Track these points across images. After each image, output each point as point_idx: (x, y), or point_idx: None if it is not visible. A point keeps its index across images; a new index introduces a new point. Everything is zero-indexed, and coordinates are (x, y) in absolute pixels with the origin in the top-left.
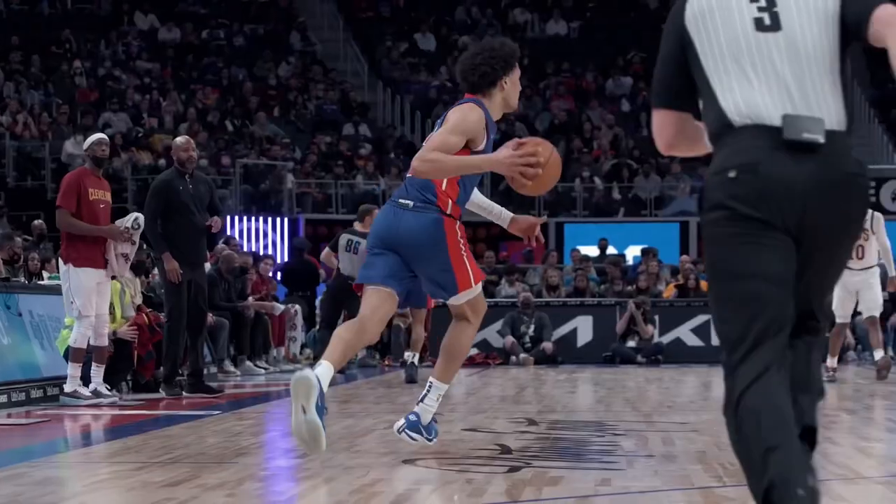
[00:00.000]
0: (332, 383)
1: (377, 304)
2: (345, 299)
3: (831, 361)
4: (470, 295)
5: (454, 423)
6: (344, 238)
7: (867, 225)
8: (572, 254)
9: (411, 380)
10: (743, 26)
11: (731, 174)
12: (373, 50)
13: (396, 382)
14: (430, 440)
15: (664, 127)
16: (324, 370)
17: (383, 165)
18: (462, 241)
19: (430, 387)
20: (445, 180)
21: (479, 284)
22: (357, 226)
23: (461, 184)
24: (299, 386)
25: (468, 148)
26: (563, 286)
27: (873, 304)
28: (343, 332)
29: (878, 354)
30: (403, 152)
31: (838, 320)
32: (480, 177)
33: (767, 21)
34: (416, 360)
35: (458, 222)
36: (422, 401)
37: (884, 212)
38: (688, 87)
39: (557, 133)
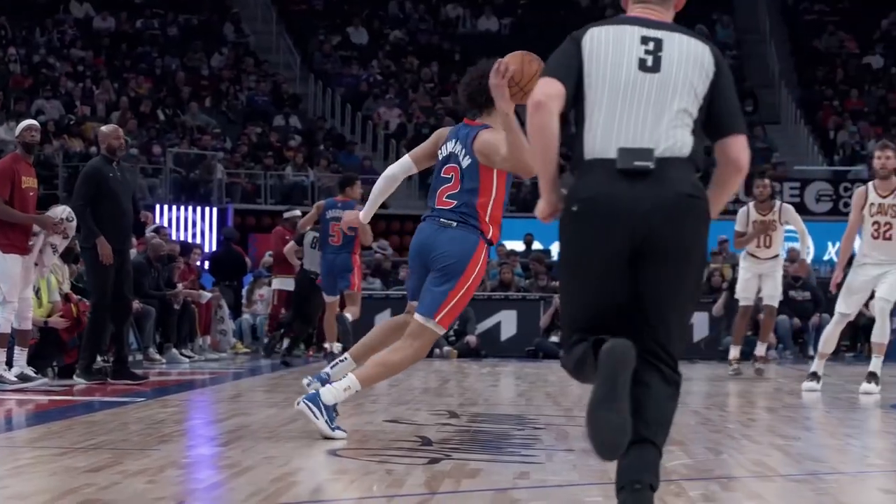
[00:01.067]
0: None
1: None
2: (308, 294)
3: (734, 352)
4: (432, 328)
5: (376, 414)
6: (309, 235)
7: (775, 216)
8: (498, 248)
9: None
10: (628, 64)
11: (574, 208)
12: (305, 42)
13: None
14: (332, 427)
15: (549, 85)
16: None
17: (312, 157)
18: (475, 278)
19: (347, 378)
20: (491, 207)
21: (442, 331)
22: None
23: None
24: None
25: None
26: (488, 280)
27: (775, 291)
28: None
29: (760, 350)
30: (333, 144)
31: (742, 303)
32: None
33: (650, 63)
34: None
35: (487, 250)
36: (332, 383)
37: (808, 213)
38: (575, 86)
39: None
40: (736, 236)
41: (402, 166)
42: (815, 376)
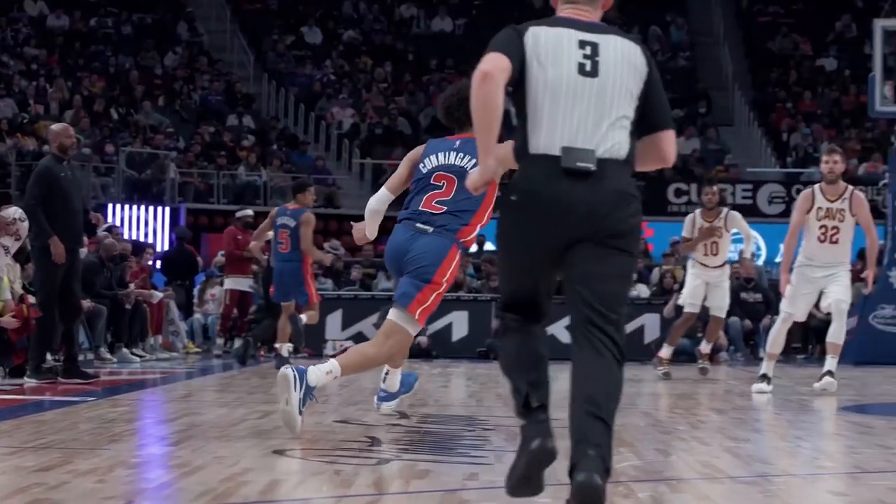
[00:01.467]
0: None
1: None
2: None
3: (666, 351)
4: (405, 323)
5: (326, 414)
6: None
7: (721, 223)
8: None
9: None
10: (569, 68)
11: (514, 197)
12: (259, 42)
13: (271, 373)
14: (300, 409)
15: (498, 59)
16: (322, 369)
17: (265, 157)
18: (448, 279)
19: (329, 363)
20: (488, 213)
21: (415, 329)
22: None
23: None
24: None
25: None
26: None
27: (722, 303)
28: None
29: (705, 348)
30: (286, 144)
31: (687, 309)
32: None
33: (589, 68)
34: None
35: (461, 255)
36: (317, 365)
37: (760, 215)
38: (520, 68)
39: (440, 129)
40: (682, 241)
41: (381, 199)
42: (765, 378)
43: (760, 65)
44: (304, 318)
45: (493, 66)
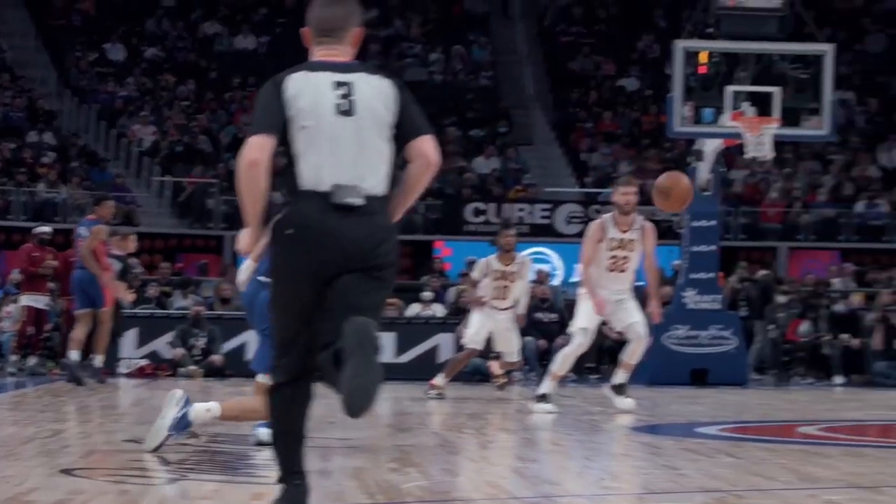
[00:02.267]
0: None
1: None
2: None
3: (441, 380)
4: None
5: (115, 433)
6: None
7: (515, 269)
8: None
9: (78, 381)
10: (327, 109)
11: (289, 231)
12: (62, 58)
13: (64, 391)
14: (168, 431)
15: (264, 147)
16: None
17: (66, 174)
18: None
19: (212, 402)
20: None
21: None
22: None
23: None
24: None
25: None
26: (236, 300)
27: (513, 348)
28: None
29: (496, 369)
30: (86, 161)
31: (470, 345)
32: None
33: (345, 107)
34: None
35: None
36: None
37: (558, 235)
38: (283, 134)
39: (241, 147)
40: (470, 282)
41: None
42: (545, 398)
43: (562, 84)
44: (98, 360)
45: (259, 154)
